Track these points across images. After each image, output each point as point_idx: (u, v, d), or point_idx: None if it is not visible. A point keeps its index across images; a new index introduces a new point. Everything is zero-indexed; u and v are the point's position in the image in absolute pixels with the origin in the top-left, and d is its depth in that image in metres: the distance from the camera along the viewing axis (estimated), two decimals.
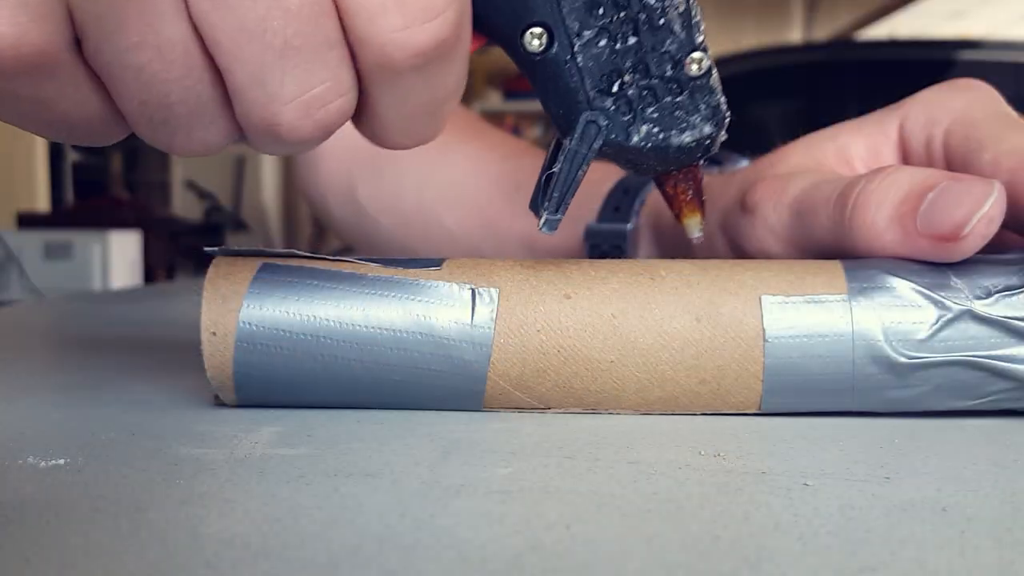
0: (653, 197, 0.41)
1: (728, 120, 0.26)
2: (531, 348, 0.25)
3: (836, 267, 0.26)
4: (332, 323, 0.25)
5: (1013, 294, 0.25)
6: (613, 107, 0.25)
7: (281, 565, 0.15)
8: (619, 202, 0.41)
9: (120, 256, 2.92)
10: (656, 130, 0.25)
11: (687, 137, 0.25)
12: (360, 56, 0.22)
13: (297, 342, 0.25)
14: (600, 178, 0.44)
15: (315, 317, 0.25)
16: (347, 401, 0.26)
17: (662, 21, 0.24)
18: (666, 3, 0.24)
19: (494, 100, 5.36)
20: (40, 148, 4.08)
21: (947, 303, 0.25)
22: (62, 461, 0.22)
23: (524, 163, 0.51)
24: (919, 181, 0.26)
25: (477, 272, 0.26)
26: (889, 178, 0.27)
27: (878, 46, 2.42)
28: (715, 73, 0.25)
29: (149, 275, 3.31)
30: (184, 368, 0.34)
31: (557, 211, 0.25)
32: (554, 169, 0.25)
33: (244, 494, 0.19)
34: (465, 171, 0.52)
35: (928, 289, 0.25)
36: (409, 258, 0.27)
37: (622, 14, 0.24)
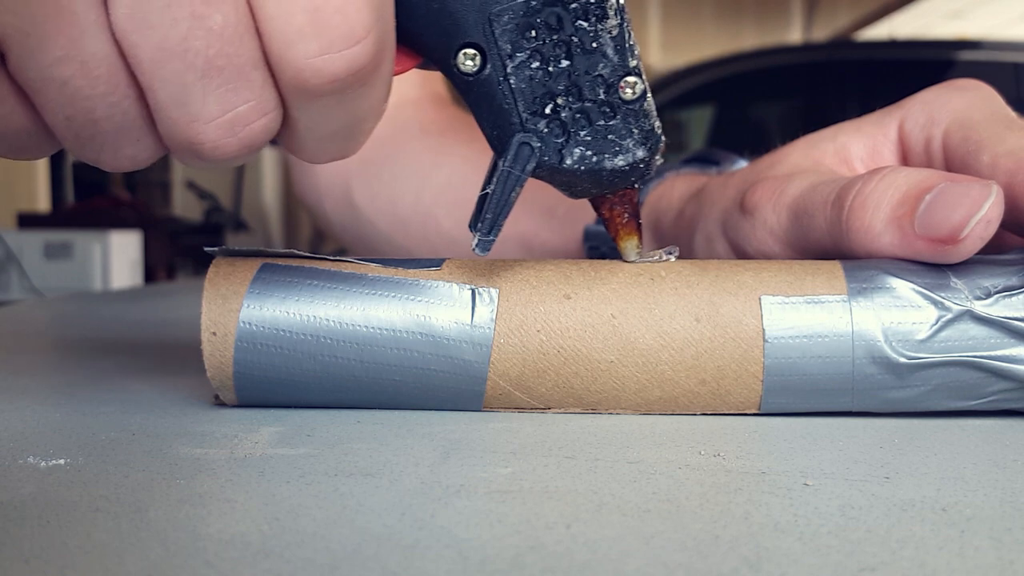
0: (652, 199, 0.41)
1: (662, 144, 0.26)
2: (531, 348, 0.25)
3: (836, 267, 0.26)
4: (332, 323, 0.25)
5: (1012, 294, 0.25)
6: (546, 129, 0.25)
7: (281, 565, 0.15)
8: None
9: (120, 256, 2.92)
10: (590, 153, 0.25)
11: (620, 161, 0.25)
12: (278, 78, 0.22)
13: (297, 342, 0.25)
14: None
15: (315, 317, 0.25)
16: (347, 401, 0.26)
17: (595, 45, 0.24)
18: (599, 27, 0.24)
19: None
20: None
21: (947, 303, 0.25)
22: (62, 461, 0.22)
23: None
24: (916, 182, 0.26)
25: (477, 272, 0.26)
26: (886, 179, 0.27)
27: (878, 46, 2.43)
28: (650, 97, 0.25)
29: (149, 275, 3.31)
30: (184, 368, 0.34)
31: (490, 232, 0.25)
32: (487, 190, 0.25)
33: (244, 494, 0.19)
34: (463, 173, 0.52)
35: (928, 289, 0.25)
36: (409, 258, 0.27)
37: (555, 37, 0.24)
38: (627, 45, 0.24)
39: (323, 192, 0.56)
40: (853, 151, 0.33)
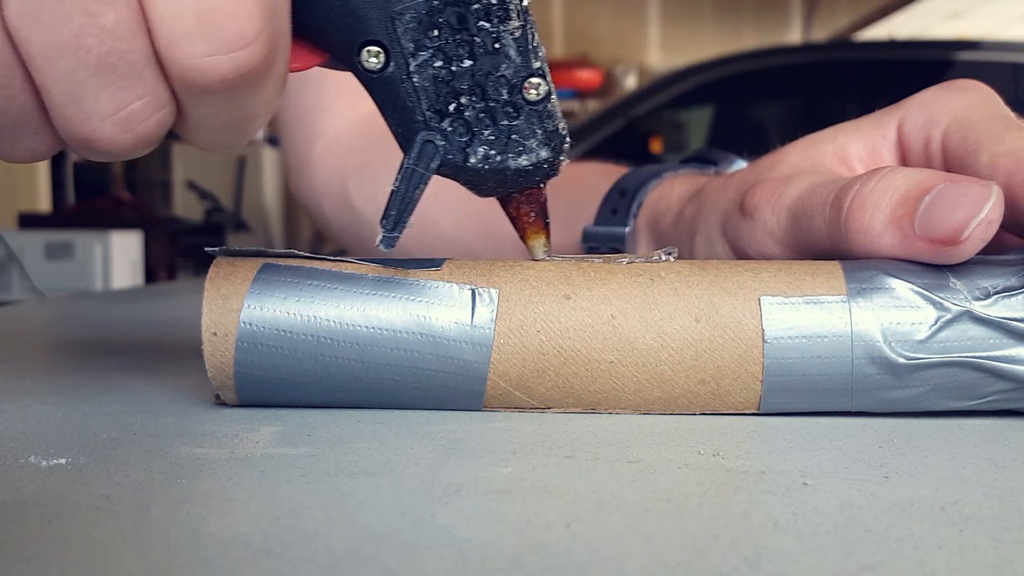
0: (651, 199, 0.41)
1: (568, 145, 0.26)
2: (531, 348, 0.25)
3: (835, 268, 0.26)
4: (332, 323, 0.25)
5: (1012, 295, 0.25)
6: (450, 128, 0.25)
7: (282, 564, 0.15)
8: (616, 204, 0.41)
9: (121, 256, 2.92)
10: (494, 152, 0.25)
11: (524, 160, 0.25)
12: (169, 75, 0.22)
13: (297, 342, 0.25)
14: (596, 180, 0.44)
15: (315, 317, 0.25)
16: (347, 401, 0.26)
17: (497, 46, 0.24)
18: (501, 28, 0.24)
19: None
20: None
21: (946, 304, 0.25)
22: (63, 461, 0.22)
23: None
24: (915, 183, 0.26)
25: (477, 272, 0.26)
26: (885, 180, 0.27)
27: (877, 46, 2.43)
28: (555, 99, 0.25)
29: (150, 275, 3.31)
30: (185, 368, 0.34)
31: (394, 229, 0.26)
32: (392, 187, 0.26)
33: (245, 493, 0.19)
34: None
35: (927, 290, 0.25)
36: (409, 259, 0.27)
37: (457, 36, 0.24)
38: (530, 47, 0.24)
39: (321, 193, 0.56)
40: (852, 151, 0.33)
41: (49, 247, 2.84)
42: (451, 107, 0.25)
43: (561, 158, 0.26)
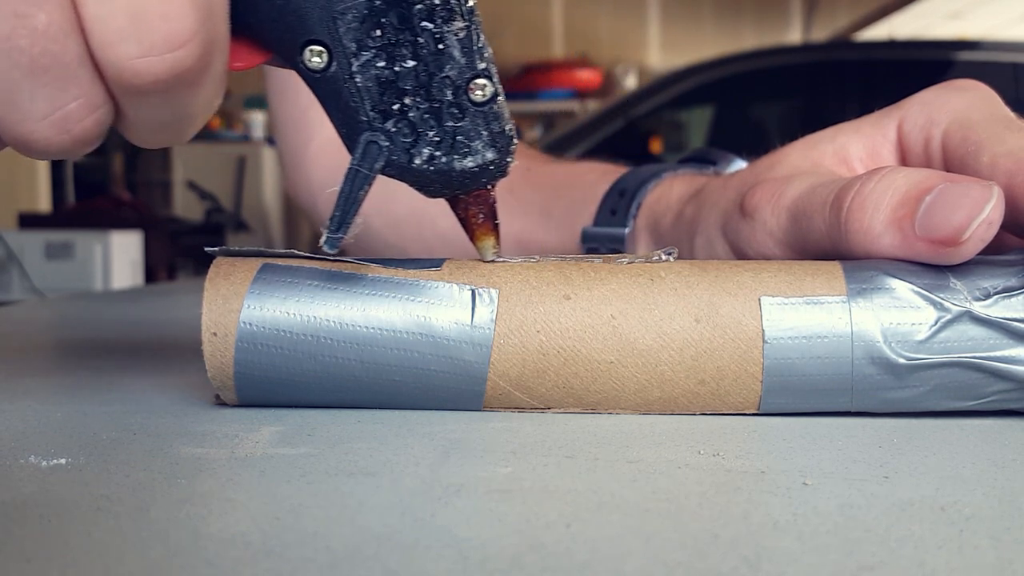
0: (650, 200, 0.41)
1: (515, 147, 0.26)
2: (531, 349, 0.25)
3: (835, 268, 0.26)
4: (332, 323, 0.25)
5: (1012, 295, 0.25)
6: (394, 128, 0.25)
7: (282, 564, 0.15)
8: (615, 205, 0.41)
9: (121, 256, 2.92)
10: (439, 153, 0.25)
11: (470, 162, 0.25)
12: (104, 76, 0.22)
13: (297, 342, 0.25)
14: (595, 180, 0.44)
15: (315, 317, 0.25)
16: (347, 401, 0.26)
17: (440, 46, 0.24)
18: (445, 29, 0.24)
19: None
20: None
21: (946, 304, 0.25)
22: (63, 461, 0.22)
23: (517, 165, 0.50)
24: (916, 183, 0.26)
25: (477, 273, 0.26)
26: (884, 180, 0.27)
27: (877, 46, 2.43)
28: (501, 100, 0.25)
29: (150, 275, 3.31)
30: (185, 368, 0.34)
31: (338, 230, 0.26)
32: (336, 188, 0.26)
33: (245, 493, 0.19)
34: None
35: (927, 290, 0.25)
36: (409, 259, 0.27)
37: (400, 37, 0.24)
38: (475, 48, 0.24)
39: (317, 192, 0.56)
40: (852, 152, 0.33)
41: (49, 247, 2.84)
42: (395, 107, 0.24)
43: (508, 159, 0.26)
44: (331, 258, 0.27)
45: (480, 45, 0.24)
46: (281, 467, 0.21)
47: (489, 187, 0.27)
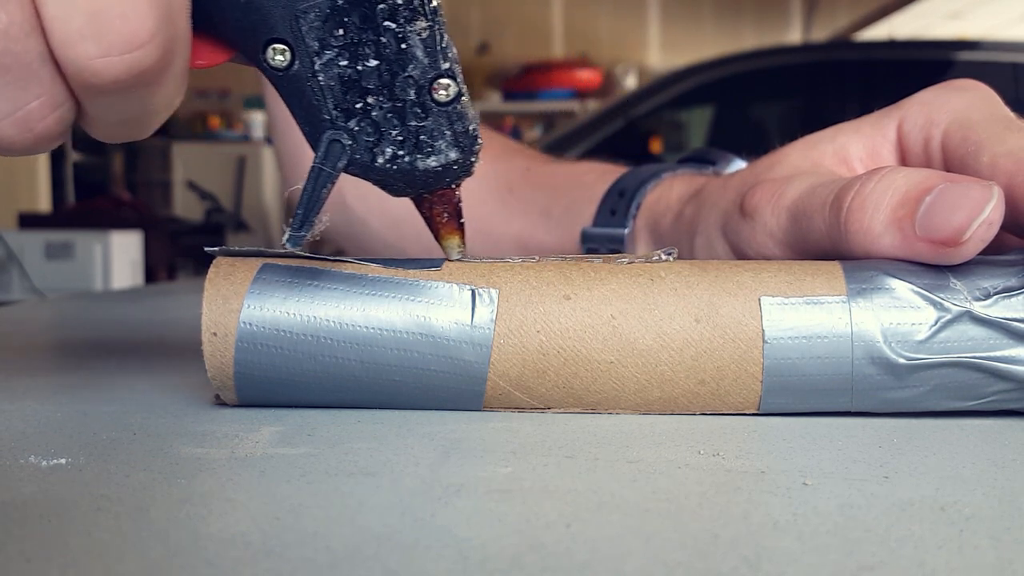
0: (649, 200, 0.41)
1: (480, 147, 0.26)
2: (531, 349, 0.25)
3: (835, 268, 0.26)
4: (332, 323, 0.25)
5: (1012, 295, 0.25)
6: (357, 127, 0.25)
7: (282, 564, 0.15)
8: (615, 205, 0.41)
9: (121, 256, 2.92)
10: (402, 153, 0.25)
11: (433, 162, 0.25)
12: (64, 75, 0.22)
13: (298, 342, 0.25)
14: (594, 181, 0.44)
15: (315, 318, 0.25)
16: (347, 401, 0.26)
17: (403, 46, 0.24)
18: (408, 28, 0.24)
19: (494, 100, 5.37)
20: None
21: (946, 304, 0.25)
22: (63, 461, 0.22)
23: (515, 163, 0.50)
24: (916, 183, 0.26)
25: (477, 273, 0.26)
26: (884, 180, 0.27)
27: (877, 46, 2.43)
28: (465, 99, 0.25)
29: (150, 275, 3.31)
30: (185, 368, 0.34)
31: (301, 228, 0.26)
32: (299, 186, 0.26)
33: (245, 493, 0.19)
34: None
35: (927, 290, 0.25)
36: (409, 259, 0.27)
37: (362, 36, 0.24)
38: (439, 47, 0.24)
39: None
40: (852, 152, 0.33)
41: (49, 247, 2.84)
42: (358, 106, 0.25)
43: (472, 159, 0.26)
44: (331, 258, 0.27)
45: (444, 45, 0.24)
46: (281, 467, 0.21)
47: (454, 187, 0.27)
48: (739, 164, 0.42)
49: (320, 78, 0.24)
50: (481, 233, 0.49)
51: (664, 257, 0.27)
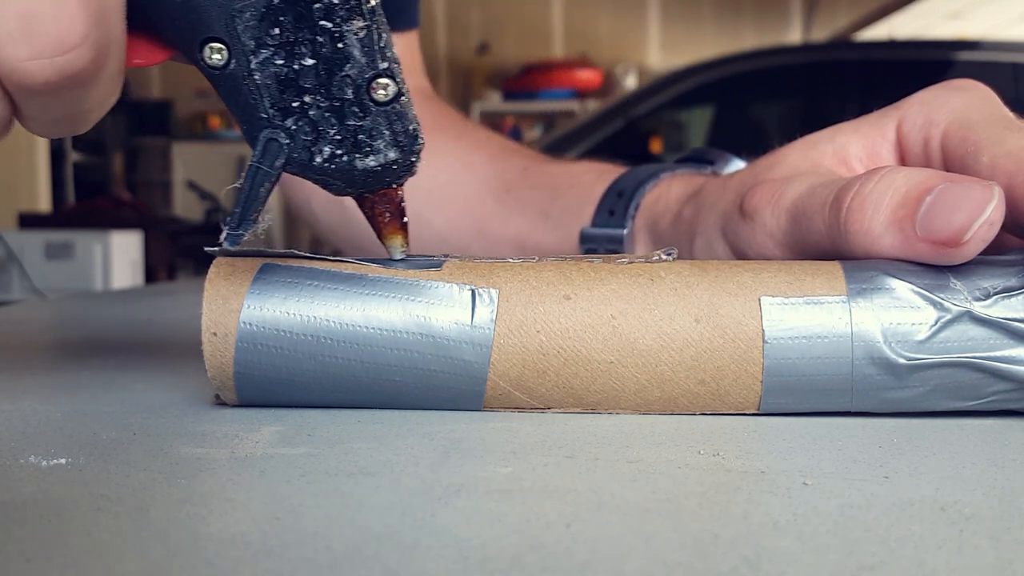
0: (648, 200, 0.41)
1: (420, 147, 0.26)
2: (531, 349, 0.25)
3: (835, 268, 0.26)
4: (332, 323, 0.25)
5: (1012, 295, 0.25)
6: (294, 126, 0.25)
7: (282, 564, 0.15)
8: (613, 205, 0.41)
9: (121, 256, 2.92)
10: (340, 152, 0.25)
11: (372, 161, 0.25)
12: None
13: (298, 342, 0.25)
14: (593, 181, 0.44)
15: (315, 318, 0.25)
16: (347, 401, 0.26)
17: (340, 45, 0.24)
18: (344, 28, 0.24)
19: (494, 100, 5.37)
20: (41, 149, 4.08)
21: (946, 304, 0.25)
22: (63, 460, 0.22)
23: (512, 163, 0.50)
24: (916, 183, 0.26)
25: (477, 273, 0.26)
26: (884, 180, 0.27)
27: (877, 46, 2.43)
28: (404, 99, 0.25)
29: (150, 275, 3.31)
30: (185, 368, 0.34)
31: (239, 227, 0.26)
32: (237, 184, 0.26)
33: (245, 493, 0.19)
34: (452, 172, 0.51)
35: (927, 290, 0.25)
36: (409, 258, 0.27)
37: (298, 35, 0.24)
38: (377, 47, 0.24)
39: (311, 192, 0.56)
40: (852, 152, 0.33)
41: (49, 247, 2.84)
42: (295, 105, 0.25)
43: (413, 159, 0.26)
44: (331, 258, 0.27)
45: (383, 45, 0.24)
46: (281, 467, 0.21)
47: (395, 186, 0.27)
48: (737, 164, 0.42)
49: (256, 77, 0.24)
50: (479, 233, 0.49)
51: (664, 257, 0.27)
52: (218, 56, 0.24)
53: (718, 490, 0.20)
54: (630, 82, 5.20)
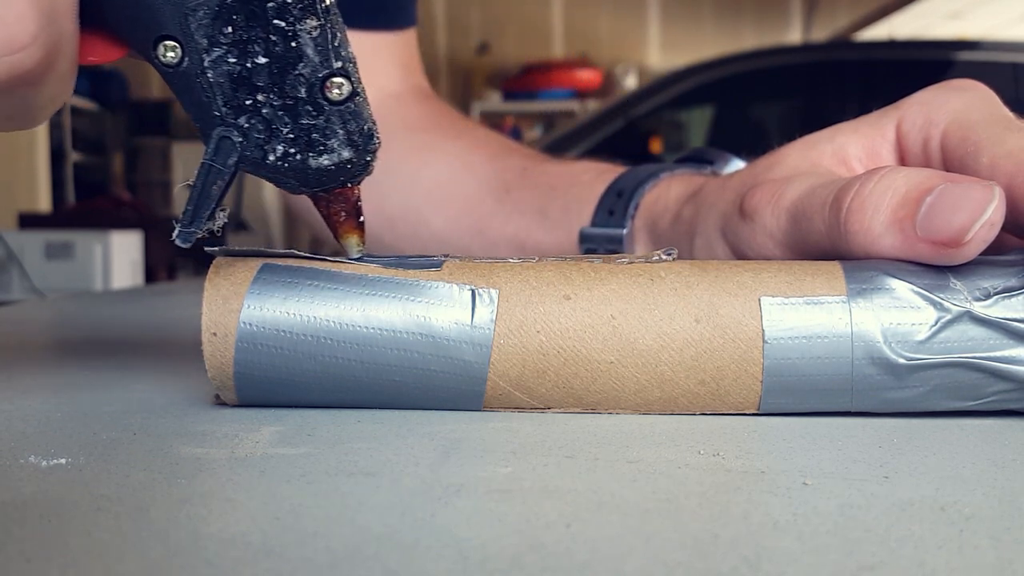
0: (648, 200, 0.41)
1: (375, 147, 0.26)
2: (531, 349, 0.25)
3: (835, 268, 0.26)
4: (332, 323, 0.25)
5: (1012, 295, 0.25)
6: (247, 124, 0.25)
7: (282, 564, 0.15)
8: (613, 205, 0.41)
9: (121, 256, 2.92)
10: (293, 151, 0.25)
11: (326, 160, 0.25)
12: None
13: (297, 342, 0.25)
14: (592, 180, 0.44)
15: (315, 318, 0.25)
16: (347, 401, 0.26)
17: (293, 44, 0.24)
18: (297, 27, 0.24)
19: (494, 100, 5.37)
20: (41, 149, 4.08)
21: (946, 304, 0.25)
22: (63, 461, 0.22)
23: (511, 162, 0.50)
24: (916, 184, 0.26)
25: (477, 273, 0.26)
26: (884, 181, 0.27)
27: (877, 46, 2.43)
28: (360, 99, 0.25)
29: (150, 275, 3.31)
30: (185, 368, 0.34)
31: (191, 224, 0.26)
32: (189, 182, 0.26)
33: (245, 493, 0.19)
34: (451, 171, 0.51)
35: (927, 290, 0.25)
36: (408, 256, 0.27)
37: (251, 34, 0.24)
38: (331, 46, 0.24)
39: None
40: (851, 152, 0.33)
41: (49, 247, 2.84)
42: (248, 103, 0.25)
43: (368, 159, 0.26)
44: (331, 258, 0.27)
45: (337, 44, 0.24)
46: (281, 467, 0.21)
47: (351, 185, 0.27)
48: (737, 164, 0.42)
49: (209, 75, 0.24)
50: (478, 232, 0.49)
51: (664, 257, 0.27)
52: (172, 54, 0.24)
53: (718, 490, 0.20)
54: (630, 82, 5.21)
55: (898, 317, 0.25)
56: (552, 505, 0.19)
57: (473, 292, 0.26)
